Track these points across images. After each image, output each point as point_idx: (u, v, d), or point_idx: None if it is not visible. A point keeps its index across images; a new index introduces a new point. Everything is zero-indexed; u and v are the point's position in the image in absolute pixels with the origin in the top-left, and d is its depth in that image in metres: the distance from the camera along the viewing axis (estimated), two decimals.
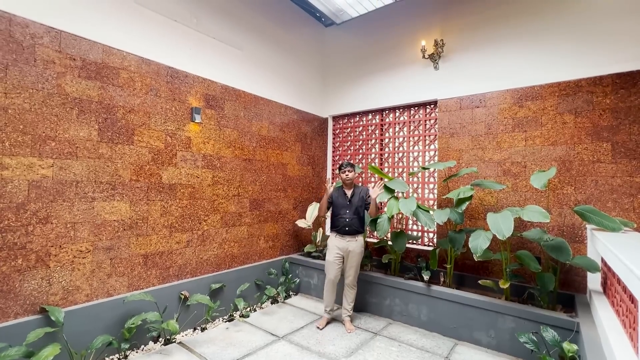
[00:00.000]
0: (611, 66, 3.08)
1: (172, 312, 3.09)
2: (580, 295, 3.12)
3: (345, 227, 3.32)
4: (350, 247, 3.31)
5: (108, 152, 2.75)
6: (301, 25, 4.91)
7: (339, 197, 3.42)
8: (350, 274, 3.36)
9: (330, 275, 3.36)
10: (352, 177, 3.37)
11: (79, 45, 2.58)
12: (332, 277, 3.35)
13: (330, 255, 3.36)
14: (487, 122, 3.75)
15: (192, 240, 3.39)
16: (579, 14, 3.25)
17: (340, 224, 3.34)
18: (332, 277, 3.35)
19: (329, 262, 3.37)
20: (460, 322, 3.13)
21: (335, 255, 3.33)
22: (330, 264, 3.36)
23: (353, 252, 3.31)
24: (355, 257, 3.33)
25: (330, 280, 3.37)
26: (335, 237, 3.38)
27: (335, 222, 3.40)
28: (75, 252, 2.56)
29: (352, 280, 3.37)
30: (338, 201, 3.40)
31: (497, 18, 3.72)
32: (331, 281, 3.37)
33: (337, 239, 3.35)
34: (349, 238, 3.32)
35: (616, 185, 3.04)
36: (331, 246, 3.38)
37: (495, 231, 2.68)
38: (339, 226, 3.36)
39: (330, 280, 3.37)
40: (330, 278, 3.36)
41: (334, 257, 3.33)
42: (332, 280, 3.36)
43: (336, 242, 3.35)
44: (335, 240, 3.36)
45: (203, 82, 3.50)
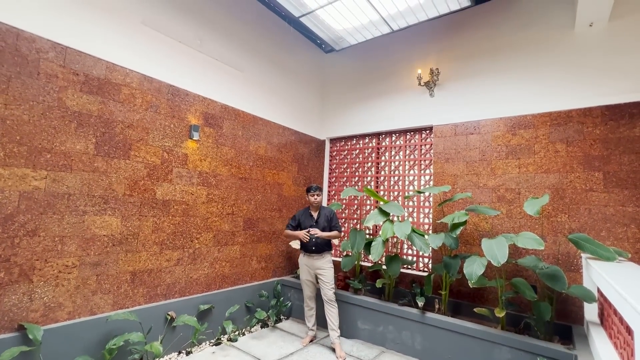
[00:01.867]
0: (600, 98, 3.19)
1: (157, 333, 2.97)
2: (577, 327, 3.05)
3: (312, 246, 3.47)
4: (317, 264, 3.47)
5: (103, 165, 2.74)
6: (302, 50, 5.08)
7: (306, 219, 3.57)
8: (326, 289, 3.45)
9: (306, 292, 3.60)
10: (320, 200, 3.58)
11: (83, 61, 2.64)
12: (308, 293, 3.60)
13: (303, 275, 3.59)
14: (482, 148, 3.82)
15: (183, 258, 3.32)
16: (568, 50, 3.40)
17: (309, 244, 3.48)
18: (308, 294, 3.60)
19: (302, 281, 3.61)
20: (456, 351, 3.03)
21: (307, 273, 3.55)
22: (303, 283, 3.60)
23: (321, 268, 3.46)
24: (326, 272, 3.46)
25: (307, 296, 3.61)
26: (303, 256, 3.57)
27: (303, 243, 3.53)
28: (60, 266, 2.49)
29: (329, 295, 3.43)
30: (305, 222, 3.55)
31: (490, 50, 3.88)
32: (309, 297, 3.60)
33: (306, 257, 3.54)
34: (316, 256, 3.48)
35: (609, 214, 3.06)
36: (301, 265, 3.60)
37: (490, 257, 2.65)
38: (306, 246, 3.51)
39: (308, 296, 3.61)
40: (307, 294, 3.60)
41: (306, 275, 3.56)
42: (309, 297, 3.60)
43: (305, 261, 3.55)
44: (304, 259, 3.56)
45: (203, 101, 3.56)
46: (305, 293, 3.61)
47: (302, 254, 3.59)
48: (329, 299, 3.43)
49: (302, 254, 3.60)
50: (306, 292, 3.60)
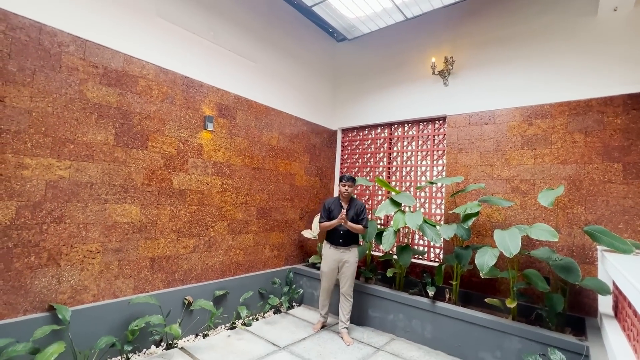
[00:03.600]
0: (622, 87, 3.08)
1: (175, 316, 3.11)
2: (590, 319, 3.03)
3: (340, 239, 3.38)
4: (344, 258, 3.39)
5: (123, 156, 2.84)
6: (314, 39, 5.04)
7: (336, 208, 3.45)
8: (346, 284, 3.41)
9: (325, 284, 3.50)
10: (351, 191, 3.43)
11: (102, 54, 2.71)
12: (327, 285, 3.50)
13: (325, 266, 3.46)
14: (496, 138, 3.76)
15: (199, 245, 3.43)
16: (589, 37, 3.28)
17: (335, 235, 3.39)
18: (327, 286, 3.50)
19: (324, 272, 3.49)
20: (466, 340, 3.07)
21: (330, 266, 3.42)
22: (324, 275, 3.49)
23: (347, 262, 3.39)
24: (350, 267, 3.40)
25: (325, 288, 3.51)
26: (329, 248, 3.45)
27: (330, 234, 3.46)
28: (85, 252, 2.63)
29: (347, 289, 3.42)
30: (334, 213, 3.43)
31: (506, 38, 3.77)
32: (326, 289, 3.52)
33: (332, 250, 3.43)
34: (342, 249, 3.40)
35: (628, 207, 2.99)
36: (326, 256, 3.48)
37: (502, 248, 2.65)
38: (333, 237, 3.42)
39: (325, 289, 3.51)
40: (325, 287, 3.50)
41: (329, 267, 3.43)
42: (327, 288, 3.51)
43: (330, 253, 3.44)
44: (330, 252, 3.44)
45: (217, 92, 3.61)
46: (324, 285, 3.52)
47: (328, 245, 3.48)
48: (347, 293, 3.42)
49: (327, 246, 3.49)
50: (325, 285, 3.51)
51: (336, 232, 3.39)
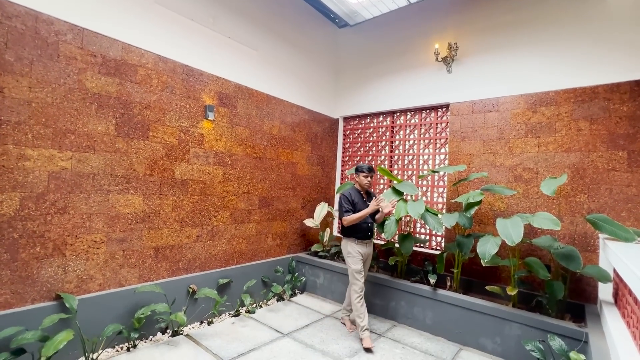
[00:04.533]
0: (630, 73, 3.02)
1: (180, 304, 3.16)
2: (590, 306, 3.06)
3: (368, 232, 3.21)
4: (369, 250, 3.28)
5: (124, 146, 2.83)
6: (315, 26, 4.94)
7: (359, 200, 3.21)
8: (366, 271, 3.34)
9: (360, 284, 3.08)
10: (371, 182, 3.30)
11: (99, 43, 2.67)
12: (361, 284, 3.10)
13: (357, 264, 3.11)
14: (500, 126, 3.72)
15: (202, 235, 3.46)
16: (596, 22, 3.20)
17: (364, 229, 3.17)
18: (361, 284, 3.10)
19: (358, 270, 3.10)
20: (466, 327, 3.11)
21: (361, 261, 3.15)
22: (359, 273, 3.10)
23: (370, 255, 3.31)
24: (370, 259, 3.34)
25: (360, 289, 3.08)
26: (356, 243, 3.17)
27: (357, 228, 3.15)
28: (90, 242, 2.65)
29: (366, 274, 3.36)
30: (360, 205, 3.17)
31: (512, 23, 3.68)
32: (362, 289, 3.09)
33: (360, 245, 3.17)
34: (368, 242, 3.25)
35: (631, 195, 2.98)
36: (355, 254, 3.14)
37: (504, 237, 2.65)
38: (362, 232, 3.16)
39: (361, 289, 3.08)
40: (361, 286, 3.08)
41: (360, 264, 3.13)
42: (362, 287, 3.11)
43: (359, 248, 3.16)
44: (358, 247, 3.16)
45: (217, 81, 3.56)
46: (359, 285, 3.08)
47: (354, 241, 3.16)
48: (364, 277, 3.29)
49: (353, 242, 3.16)
50: (360, 283, 3.09)
51: (364, 226, 3.17)
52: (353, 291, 3.10)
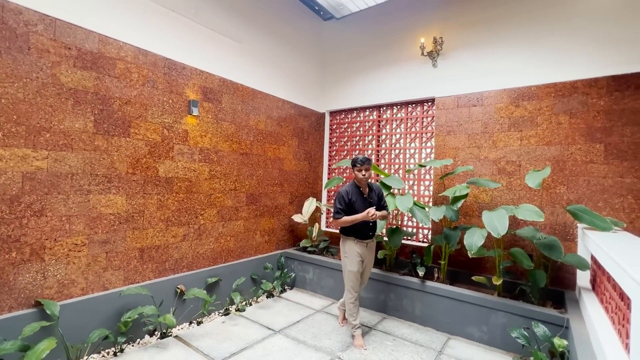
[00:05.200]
0: (607, 68, 3.13)
1: (168, 305, 3.08)
2: (569, 292, 3.20)
3: (369, 231, 2.96)
4: (369, 251, 3.04)
5: (104, 144, 2.70)
6: (300, 18, 4.86)
7: (358, 198, 2.93)
8: (367, 274, 3.15)
9: (356, 286, 2.98)
10: (369, 175, 2.94)
11: (74, 34, 2.51)
12: (357, 287, 2.99)
13: (355, 265, 2.94)
14: (484, 120, 3.79)
15: (189, 234, 3.38)
16: (576, 17, 3.29)
17: (364, 228, 2.93)
18: (357, 287, 2.99)
19: (354, 273, 2.95)
20: (454, 317, 3.20)
21: (360, 264, 2.97)
22: (355, 275, 2.95)
23: (371, 254, 3.09)
24: (372, 258, 3.14)
25: (355, 290, 2.97)
26: (355, 243, 2.95)
27: (355, 227, 2.91)
28: (70, 245, 2.53)
29: (366, 280, 3.19)
30: (358, 203, 2.92)
31: (495, 18, 3.74)
32: (356, 291, 2.98)
33: (359, 245, 2.95)
34: (370, 242, 3.03)
35: (607, 186, 3.11)
36: (353, 255, 2.95)
37: (490, 229, 2.72)
38: (362, 231, 2.93)
39: (356, 291, 2.98)
40: (356, 288, 2.98)
41: (359, 267, 2.96)
42: (357, 289, 3.00)
43: (358, 249, 2.95)
44: (357, 247, 2.95)
45: (201, 75, 3.45)
46: (355, 287, 2.97)
47: (354, 241, 2.95)
48: (365, 283, 3.19)
49: (352, 241, 2.96)
50: (356, 286, 2.97)
51: (365, 225, 2.92)
52: (347, 291, 3.00)
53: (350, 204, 2.89)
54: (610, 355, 1.76)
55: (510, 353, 2.85)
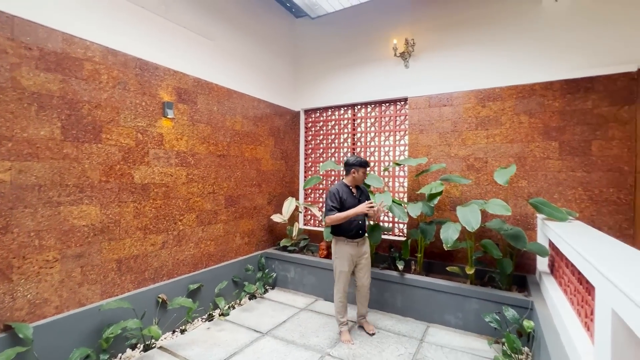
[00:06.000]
0: (561, 72, 3.45)
1: (150, 317, 2.98)
2: (530, 276, 3.54)
3: (359, 230, 3.01)
4: (362, 250, 3.09)
5: (74, 152, 2.52)
6: (272, 15, 4.78)
7: (348, 197, 3.00)
8: (364, 276, 3.14)
9: (345, 286, 3.06)
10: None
11: (35, 33, 2.30)
12: (346, 287, 3.09)
13: (345, 265, 3.00)
14: (454, 120, 4.02)
15: (168, 241, 3.26)
16: (534, 24, 3.57)
17: (354, 228, 2.98)
18: (346, 287, 3.08)
19: (344, 272, 3.02)
20: (432, 306, 3.41)
21: (350, 264, 3.03)
22: (342, 275, 3.03)
23: (365, 253, 3.11)
24: (367, 257, 3.13)
25: (344, 290, 3.07)
26: (346, 243, 3.00)
27: (345, 227, 2.97)
28: (41, 262, 2.35)
29: (367, 281, 3.16)
30: (349, 201, 2.97)
31: (463, 22, 3.95)
32: (344, 291, 3.08)
33: (350, 245, 3.00)
34: (360, 241, 3.07)
35: (562, 179, 3.46)
36: (344, 255, 3.00)
37: (465, 223, 2.93)
38: (351, 231, 2.97)
39: (344, 291, 3.08)
40: (345, 288, 3.07)
41: (349, 267, 3.02)
42: (346, 290, 3.09)
43: (349, 249, 2.99)
44: (348, 247, 3.00)
45: (174, 75, 3.30)
46: (344, 287, 3.06)
47: (344, 240, 3.00)
48: (368, 287, 3.18)
49: (342, 241, 3.01)
50: (345, 286, 3.06)
51: (354, 224, 2.98)
52: (336, 290, 3.08)
53: (342, 202, 2.95)
54: (572, 333, 2.00)
55: (484, 336, 3.11)
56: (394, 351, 2.89)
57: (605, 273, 1.39)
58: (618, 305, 1.26)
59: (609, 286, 1.33)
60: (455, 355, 2.83)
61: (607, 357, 1.36)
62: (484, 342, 3.00)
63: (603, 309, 1.45)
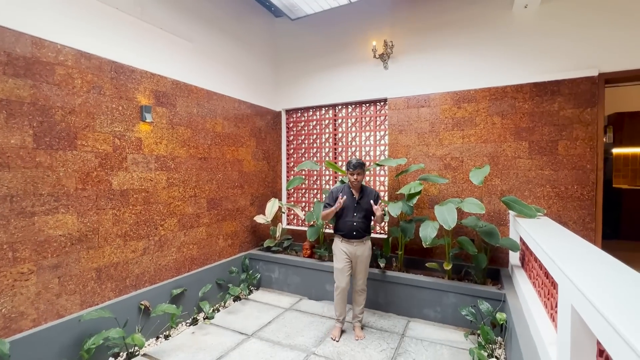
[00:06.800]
0: (530, 76, 3.63)
1: (133, 324, 2.94)
2: (503, 269, 3.74)
3: (353, 231, 3.08)
4: (358, 252, 3.12)
5: (47, 160, 2.44)
6: (252, 16, 4.73)
7: (346, 198, 3.09)
8: (360, 278, 3.20)
9: (342, 284, 3.13)
10: (361, 179, 3.09)
11: (1, 37, 2.20)
12: (344, 285, 3.14)
13: (339, 263, 3.13)
14: (431, 120, 4.15)
15: (149, 247, 3.22)
16: (506, 29, 3.73)
17: (347, 228, 3.09)
18: (344, 285, 3.14)
19: (339, 269, 3.13)
20: (412, 301, 3.55)
21: (345, 261, 3.12)
22: (340, 272, 3.13)
23: (361, 256, 3.14)
24: (364, 261, 3.17)
25: (342, 289, 3.15)
26: (341, 241, 3.14)
27: (340, 226, 3.14)
28: (15, 275, 2.28)
29: (362, 285, 3.22)
30: (346, 203, 3.09)
31: (438, 26, 4.07)
32: (343, 289, 3.16)
33: (344, 243, 3.13)
34: (356, 242, 3.11)
35: (531, 177, 3.66)
36: (338, 252, 3.15)
37: (442, 222, 3.06)
38: (345, 230, 3.11)
39: (342, 289, 3.15)
40: (342, 286, 3.14)
41: (344, 264, 3.11)
42: (344, 289, 3.16)
43: (343, 247, 3.13)
44: (342, 245, 3.13)
45: (152, 78, 3.23)
46: (341, 285, 3.14)
47: (339, 239, 3.15)
48: (360, 289, 3.22)
49: (338, 239, 3.17)
50: (342, 284, 3.13)
51: (347, 224, 3.08)
52: (334, 287, 3.20)
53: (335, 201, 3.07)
54: (539, 323, 2.16)
55: (460, 328, 3.28)
56: (377, 347, 3.00)
57: (566, 272, 1.51)
58: (576, 301, 1.39)
59: (569, 284, 1.46)
60: (434, 347, 2.97)
61: (567, 346, 1.50)
62: (461, 334, 3.17)
63: (564, 303, 1.59)
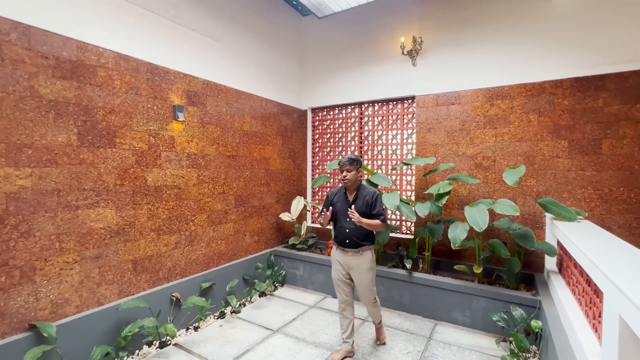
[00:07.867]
0: (570, 70, 3.42)
1: (165, 315, 3.07)
2: (538, 274, 3.56)
3: (346, 239, 2.66)
4: (352, 264, 2.67)
5: (90, 157, 2.59)
6: (278, 14, 4.78)
7: (339, 201, 2.74)
8: (362, 293, 2.75)
9: (339, 296, 2.78)
10: (352, 177, 2.64)
11: (50, 42, 2.36)
12: (342, 297, 2.77)
13: (333, 273, 2.79)
14: (462, 118, 4.01)
15: (180, 241, 3.35)
16: (543, 22, 3.53)
17: (340, 235, 2.70)
18: (343, 297, 2.77)
19: (334, 281, 2.80)
20: (439, 304, 3.46)
21: (338, 271, 2.75)
22: (336, 284, 2.79)
23: (357, 269, 2.66)
24: (362, 274, 2.67)
25: (340, 301, 2.79)
26: (336, 249, 2.78)
27: (335, 232, 2.77)
28: (61, 263, 2.44)
29: (366, 299, 2.77)
30: (337, 207, 2.73)
31: (470, 19, 3.91)
32: (342, 302, 2.78)
33: (338, 252, 2.75)
34: (351, 252, 2.66)
35: (571, 178, 3.45)
36: (333, 261, 2.80)
37: (473, 223, 2.95)
38: (338, 238, 2.73)
39: (340, 302, 2.79)
40: (340, 299, 2.78)
41: (338, 274, 2.75)
42: (343, 301, 2.77)
43: (337, 256, 2.76)
44: (337, 254, 2.77)
45: (184, 78, 3.35)
46: (338, 297, 2.78)
47: (335, 247, 2.79)
48: (366, 304, 2.82)
49: (334, 247, 2.80)
50: (339, 296, 2.77)
51: (340, 231, 2.70)
52: None
53: (333, 204, 2.77)
54: (579, 333, 2.03)
55: (491, 334, 3.15)
56: (403, 349, 2.95)
57: (614, 280, 1.41)
58: (625, 312, 1.29)
59: (617, 293, 1.36)
60: (463, 353, 2.88)
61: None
62: (491, 341, 3.05)
63: (611, 313, 1.48)
